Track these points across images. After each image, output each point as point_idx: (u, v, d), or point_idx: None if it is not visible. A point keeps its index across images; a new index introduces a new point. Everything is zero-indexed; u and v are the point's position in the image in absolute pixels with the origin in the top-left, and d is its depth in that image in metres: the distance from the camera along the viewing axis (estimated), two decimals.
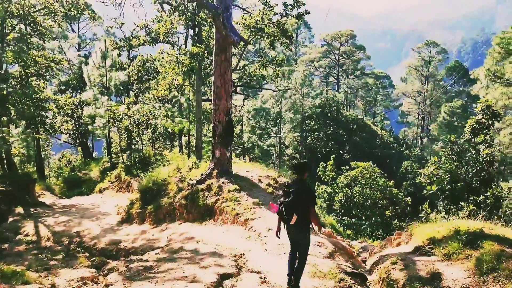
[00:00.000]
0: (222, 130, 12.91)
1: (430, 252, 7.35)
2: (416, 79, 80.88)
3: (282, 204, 6.72)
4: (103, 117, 27.79)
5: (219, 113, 12.87)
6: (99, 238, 13.36)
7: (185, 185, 13.39)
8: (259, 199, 11.64)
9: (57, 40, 44.87)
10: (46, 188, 28.61)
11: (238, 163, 16.11)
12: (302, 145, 59.89)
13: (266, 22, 22.66)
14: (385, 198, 36.61)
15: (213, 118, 13.12)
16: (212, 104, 13.21)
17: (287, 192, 6.70)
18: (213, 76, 12.97)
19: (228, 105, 12.87)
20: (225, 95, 12.77)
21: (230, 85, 12.91)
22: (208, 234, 11.02)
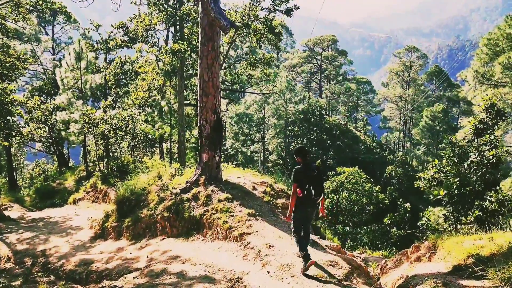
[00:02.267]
0: (210, 130, 11.26)
1: (481, 275, 5.85)
2: (398, 84, 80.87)
3: (310, 185, 6.95)
4: (78, 122, 25.81)
5: (206, 111, 11.23)
6: (67, 257, 11.53)
7: (167, 195, 11.68)
8: (255, 210, 10.03)
9: (29, 43, 42.74)
10: (15, 200, 26.49)
11: (227, 168, 14.46)
12: (286, 151, 58.79)
13: (253, 18, 21.25)
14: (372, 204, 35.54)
15: (200, 117, 11.47)
16: (198, 101, 11.58)
17: (312, 175, 7.07)
18: (199, 69, 11.36)
19: (217, 102, 11.26)
20: (213, 91, 11.16)
21: (218, 79, 11.30)
22: (196, 253, 9.36)
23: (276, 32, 21.47)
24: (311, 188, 6.98)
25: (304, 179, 7.04)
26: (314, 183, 7.05)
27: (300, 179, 7.04)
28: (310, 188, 6.98)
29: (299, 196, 7.05)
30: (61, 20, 51.84)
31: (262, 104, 58.33)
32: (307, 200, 7.06)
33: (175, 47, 18.98)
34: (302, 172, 7.10)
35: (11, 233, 14.82)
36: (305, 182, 7.01)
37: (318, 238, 9.35)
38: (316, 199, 7.10)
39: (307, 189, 6.97)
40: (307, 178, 7.06)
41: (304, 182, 7.01)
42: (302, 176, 7.06)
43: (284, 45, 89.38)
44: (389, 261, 10.18)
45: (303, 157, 7.29)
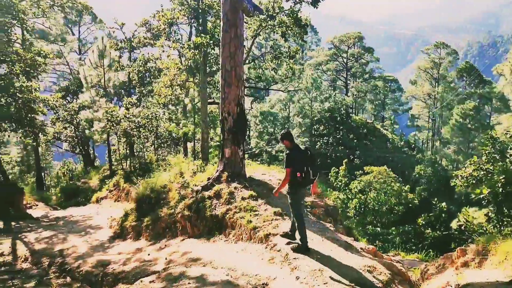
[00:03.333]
0: (232, 123, 10.53)
1: None
2: (426, 81, 78.50)
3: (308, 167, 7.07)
4: (101, 120, 25.54)
5: (228, 103, 10.50)
6: (85, 258, 10.98)
7: (188, 192, 11.01)
8: (281, 208, 9.24)
9: (56, 43, 43.11)
10: (40, 198, 26.42)
11: (251, 165, 13.69)
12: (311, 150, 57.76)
13: (278, 10, 20.46)
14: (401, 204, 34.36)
15: (222, 110, 10.75)
16: (220, 92, 10.86)
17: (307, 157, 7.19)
18: (221, 58, 10.64)
19: (240, 93, 10.51)
20: (236, 81, 10.42)
21: (241, 68, 10.56)
22: (217, 254, 8.63)
23: (302, 25, 20.61)
24: (309, 169, 7.12)
25: (301, 161, 7.14)
26: (310, 164, 7.18)
27: (296, 162, 7.13)
28: (308, 169, 7.12)
29: (297, 179, 7.14)
30: (87, 20, 52.32)
31: (287, 103, 57.61)
32: (306, 181, 7.23)
33: (197, 41, 18.36)
34: (296, 155, 7.19)
35: (31, 232, 14.44)
36: (302, 164, 7.12)
37: (351, 240, 8.49)
38: (313, 179, 7.31)
39: (306, 171, 7.10)
40: (303, 160, 7.16)
41: (301, 164, 7.11)
42: (298, 158, 7.16)
43: (309, 43, 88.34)
44: (429, 266, 9.21)
45: (292, 140, 7.39)
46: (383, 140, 63.74)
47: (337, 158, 52.74)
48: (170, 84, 21.38)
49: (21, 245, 12.94)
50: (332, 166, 41.96)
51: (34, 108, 19.52)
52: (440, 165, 61.79)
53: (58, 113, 37.64)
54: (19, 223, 15.63)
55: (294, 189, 7.31)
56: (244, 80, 30.00)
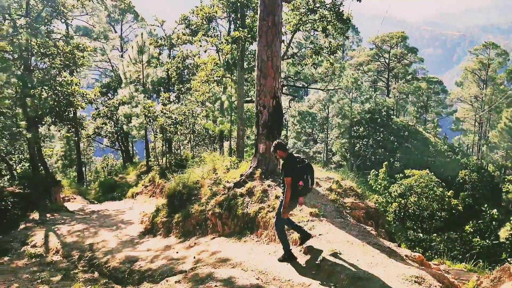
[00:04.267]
0: (268, 117, 9.92)
1: None
2: (473, 83, 75.16)
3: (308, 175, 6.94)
4: (139, 116, 25.60)
5: (264, 95, 9.90)
6: (113, 253, 10.68)
7: (220, 189, 10.50)
8: (318, 209, 8.56)
9: (98, 41, 43.95)
10: (79, 192, 26.82)
11: None
12: (350, 152, 56.55)
13: (318, 4, 19.69)
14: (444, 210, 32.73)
15: (257, 103, 10.16)
16: (256, 84, 10.29)
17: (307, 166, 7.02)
18: (257, 47, 10.06)
19: (277, 85, 9.89)
20: (272, 71, 9.81)
21: (279, 58, 9.94)
22: (248, 256, 8.05)
23: (344, 19, 19.74)
24: (308, 178, 6.98)
25: (300, 170, 6.93)
26: (309, 173, 7.02)
27: (296, 172, 6.90)
28: (308, 177, 6.97)
29: (297, 188, 6.90)
30: (129, 19, 53.16)
31: (326, 103, 56.52)
32: (305, 190, 7.09)
33: (235, 35, 17.88)
34: (295, 164, 6.95)
35: (64, 224, 14.40)
36: (302, 173, 6.94)
37: (395, 246, 7.69)
38: (311, 188, 7.22)
39: (305, 179, 6.94)
40: (302, 169, 6.96)
41: (301, 173, 6.92)
42: (297, 168, 6.92)
43: (350, 43, 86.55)
44: (483, 279, 8.26)
45: (285, 150, 7.14)
46: (425, 144, 61.71)
47: (376, 160, 51.52)
48: (207, 79, 21.03)
49: (53, 237, 12.87)
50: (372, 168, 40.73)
51: (73, 102, 19.63)
52: (487, 171, 58.95)
53: (98, 109, 38.36)
54: (54, 215, 15.67)
55: (292, 199, 7.03)
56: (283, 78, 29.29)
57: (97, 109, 38.55)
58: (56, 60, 18.65)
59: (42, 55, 18.06)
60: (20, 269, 10.31)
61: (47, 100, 17.84)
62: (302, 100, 59.76)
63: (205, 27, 21.02)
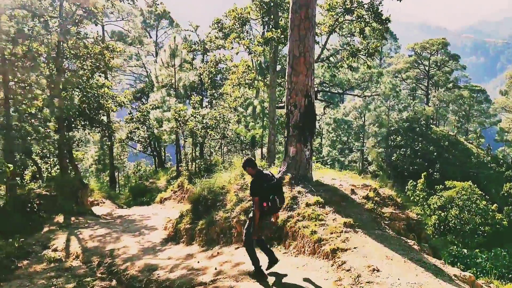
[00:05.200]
0: (299, 117, 9.12)
1: None
2: None
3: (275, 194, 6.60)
4: (170, 120, 25.31)
5: (295, 93, 9.11)
6: (133, 260, 10.10)
7: (246, 195, 9.75)
8: (353, 219, 7.66)
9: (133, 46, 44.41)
10: (108, 196, 26.69)
11: (321, 168, 12.14)
12: (387, 161, 54.87)
13: (356, 4, 18.81)
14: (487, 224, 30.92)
15: (287, 102, 9.38)
16: (286, 82, 9.53)
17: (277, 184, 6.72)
18: (289, 42, 9.31)
19: (309, 82, 9.09)
20: (304, 68, 9.02)
21: (312, 54, 9.14)
22: (275, 269, 7.25)
23: (382, 20, 18.78)
24: (275, 198, 6.61)
25: (266, 189, 6.57)
26: (277, 192, 6.68)
27: (262, 191, 6.55)
28: (275, 197, 6.61)
29: (263, 208, 6.55)
30: (165, 24, 53.61)
31: (362, 111, 55.21)
32: (272, 210, 6.74)
33: (268, 35, 17.22)
34: (262, 183, 6.58)
35: (87, 228, 14.01)
36: (269, 192, 6.58)
37: (442, 264, 6.70)
38: (280, 207, 6.88)
39: (272, 199, 6.58)
40: (269, 187, 6.60)
41: (267, 193, 6.57)
42: (264, 186, 6.57)
43: (388, 50, 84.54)
44: None
45: (255, 167, 6.81)
46: (467, 154, 59.26)
47: (414, 171, 49.85)
48: (238, 82, 20.44)
49: (75, 241, 12.46)
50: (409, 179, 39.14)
51: (103, 104, 19.46)
52: None
53: (132, 114, 38.57)
54: (78, 219, 15.34)
55: (262, 216, 6.69)
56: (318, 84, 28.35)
57: (130, 113, 38.79)
58: (87, 62, 18.51)
59: (73, 56, 17.96)
60: (37, 274, 9.88)
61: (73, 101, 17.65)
62: (337, 107, 58.55)
63: (238, 30, 20.49)
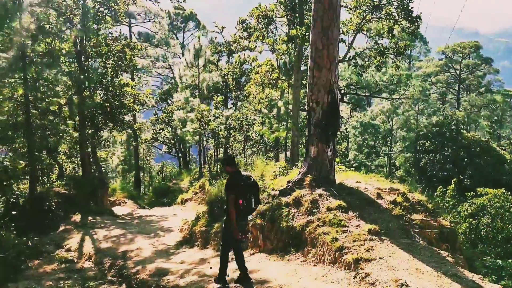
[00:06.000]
0: (321, 115, 8.47)
1: None
2: None
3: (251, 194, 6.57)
4: (194, 121, 24.97)
5: (317, 89, 8.47)
6: (145, 263, 9.65)
7: (264, 197, 9.16)
8: (379, 226, 6.96)
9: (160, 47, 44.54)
10: (131, 196, 26.57)
11: (345, 171, 11.43)
12: (415, 167, 53.34)
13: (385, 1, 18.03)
14: None
15: (309, 99, 8.76)
16: (308, 76, 8.90)
17: (252, 184, 6.66)
18: (311, 34, 8.69)
19: (333, 78, 8.44)
20: (328, 62, 8.38)
21: (336, 47, 8.50)
22: (290, 279, 6.63)
23: (412, 18, 17.91)
24: (251, 197, 6.59)
25: (242, 188, 6.55)
26: (253, 191, 6.65)
27: (238, 189, 6.53)
28: (251, 196, 6.58)
29: (238, 207, 6.50)
30: (191, 26, 53.69)
31: (390, 115, 53.99)
32: (247, 210, 6.67)
33: (292, 33, 16.63)
34: (239, 181, 6.56)
35: (103, 228, 13.70)
36: (245, 191, 6.56)
37: (480, 279, 5.93)
38: (255, 208, 6.86)
39: (248, 198, 6.56)
40: (245, 186, 6.58)
41: (243, 191, 6.55)
42: (240, 185, 6.55)
43: (417, 53, 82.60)
44: None
45: (234, 166, 6.78)
46: (500, 161, 56.85)
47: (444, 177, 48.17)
48: (261, 82, 19.88)
49: (88, 241, 12.16)
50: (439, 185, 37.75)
51: (124, 103, 19.24)
52: None
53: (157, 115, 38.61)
54: (95, 218, 15.08)
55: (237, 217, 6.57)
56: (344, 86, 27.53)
57: (156, 114, 38.83)
58: (109, 60, 18.33)
59: (95, 54, 17.79)
60: (46, 275, 9.56)
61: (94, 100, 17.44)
62: (364, 111, 57.43)
63: (263, 30, 19.97)
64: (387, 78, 38.87)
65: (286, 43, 17.22)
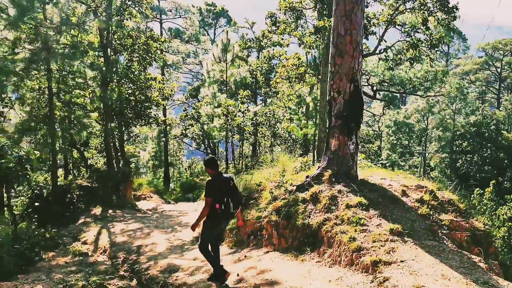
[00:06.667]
0: (343, 105, 7.86)
1: None
2: None
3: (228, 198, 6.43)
4: (220, 117, 24.68)
5: (339, 77, 7.87)
6: (158, 259, 9.32)
7: (281, 193, 8.63)
8: (402, 225, 6.32)
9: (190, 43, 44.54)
10: (157, 191, 26.54)
11: (371, 167, 10.71)
12: (451, 168, 51.41)
13: None
14: None
15: (329, 88, 8.16)
16: (329, 64, 8.31)
17: (227, 186, 6.54)
18: (333, 18, 8.09)
19: (356, 65, 7.82)
20: (350, 48, 7.76)
21: (360, 32, 7.87)
22: (303, 280, 6.09)
23: (449, 8, 16.92)
24: (229, 201, 6.44)
25: (221, 191, 6.46)
26: (231, 195, 6.52)
27: (216, 192, 6.45)
28: (229, 200, 6.44)
29: (216, 211, 6.43)
30: (223, 23, 53.57)
31: (425, 113, 52.39)
32: (225, 214, 6.54)
33: (320, 24, 15.99)
34: (217, 184, 6.51)
35: (121, 222, 13.50)
36: (223, 194, 6.44)
37: None
38: (234, 212, 6.69)
39: (225, 202, 6.42)
40: (224, 190, 6.49)
41: (221, 195, 6.44)
42: (218, 188, 6.49)
43: (455, 51, 79.84)
44: None
45: (215, 168, 6.62)
46: None
47: (482, 178, 46.19)
48: (287, 76, 19.30)
49: (105, 234, 11.96)
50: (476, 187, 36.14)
51: (149, 96, 19.10)
52: None
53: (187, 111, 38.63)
54: (116, 212, 14.93)
55: (211, 222, 6.66)
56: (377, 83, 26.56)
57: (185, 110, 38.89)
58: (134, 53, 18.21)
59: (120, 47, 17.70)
60: (57, 268, 9.34)
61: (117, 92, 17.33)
62: (398, 109, 55.92)
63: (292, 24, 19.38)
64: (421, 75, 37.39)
65: (313, 34, 16.60)
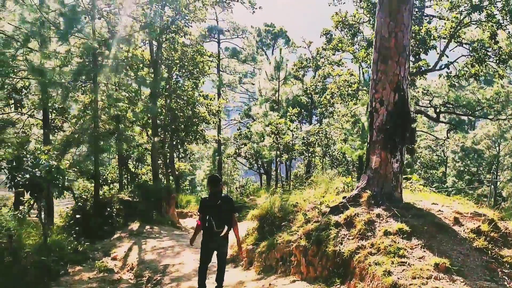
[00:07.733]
0: (385, 117, 6.86)
1: None
2: None
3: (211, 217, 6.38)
4: (270, 135, 24.07)
5: (382, 85, 6.91)
6: (181, 281, 8.70)
7: (314, 215, 7.69)
8: (451, 260, 5.19)
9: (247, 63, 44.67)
10: None
11: (422, 191, 9.46)
12: None
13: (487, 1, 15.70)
14: None
15: (371, 98, 7.19)
16: (371, 71, 7.38)
17: (213, 205, 6.49)
18: (376, 19, 7.19)
19: (401, 72, 6.82)
20: (395, 53, 6.79)
21: (407, 35, 6.89)
22: None
23: None
24: (211, 219, 6.35)
25: (205, 208, 6.52)
26: (214, 214, 6.37)
27: (202, 209, 6.60)
28: (210, 219, 6.35)
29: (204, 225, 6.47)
30: (281, 43, 53.50)
31: (497, 139, 48.92)
32: (208, 232, 6.47)
33: (372, 37, 14.98)
34: (204, 201, 6.66)
35: (155, 239, 13.09)
36: (206, 212, 6.46)
37: None
38: (218, 231, 6.48)
39: (208, 220, 6.37)
40: (207, 207, 6.49)
41: (204, 212, 6.48)
42: (203, 205, 6.60)
43: None
44: None
45: (212, 187, 6.61)
46: None
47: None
48: (339, 93, 18.32)
49: (136, 251, 11.53)
50: None
51: (196, 113, 18.87)
52: None
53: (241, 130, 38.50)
54: (153, 228, 14.57)
55: (202, 239, 6.70)
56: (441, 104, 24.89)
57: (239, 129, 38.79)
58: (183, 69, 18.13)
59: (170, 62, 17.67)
60: (78, 283, 8.96)
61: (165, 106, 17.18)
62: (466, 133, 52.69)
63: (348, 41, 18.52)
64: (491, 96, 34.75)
65: (365, 48, 15.61)
